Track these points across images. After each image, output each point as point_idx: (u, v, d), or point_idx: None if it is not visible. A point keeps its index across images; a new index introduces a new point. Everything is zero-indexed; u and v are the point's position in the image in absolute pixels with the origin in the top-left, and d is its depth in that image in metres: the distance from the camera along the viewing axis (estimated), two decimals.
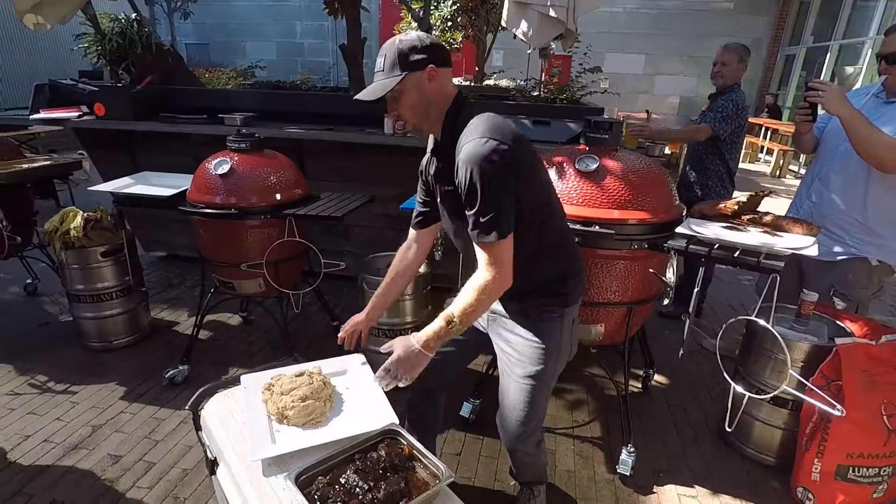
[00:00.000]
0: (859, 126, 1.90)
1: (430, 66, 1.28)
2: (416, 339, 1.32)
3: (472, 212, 1.26)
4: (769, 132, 9.80)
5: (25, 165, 3.00)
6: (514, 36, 3.08)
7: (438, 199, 1.46)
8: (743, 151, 10.37)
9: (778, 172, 9.16)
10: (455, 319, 1.30)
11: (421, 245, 1.63)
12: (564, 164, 1.88)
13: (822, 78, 9.66)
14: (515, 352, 1.46)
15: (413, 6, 4.98)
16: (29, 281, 3.53)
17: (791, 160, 9.29)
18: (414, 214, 1.61)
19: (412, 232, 1.63)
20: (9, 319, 3.20)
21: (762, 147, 10.37)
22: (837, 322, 2.08)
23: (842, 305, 2.18)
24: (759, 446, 2.18)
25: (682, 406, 2.57)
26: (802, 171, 8.80)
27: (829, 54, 9.54)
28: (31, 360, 2.74)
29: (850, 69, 9.00)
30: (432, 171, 1.46)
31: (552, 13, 2.80)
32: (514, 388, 1.48)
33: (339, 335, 1.59)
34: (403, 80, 1.27)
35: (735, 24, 11.49)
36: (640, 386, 2.70)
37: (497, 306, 1.51)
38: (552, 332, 1.44)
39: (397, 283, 1.64)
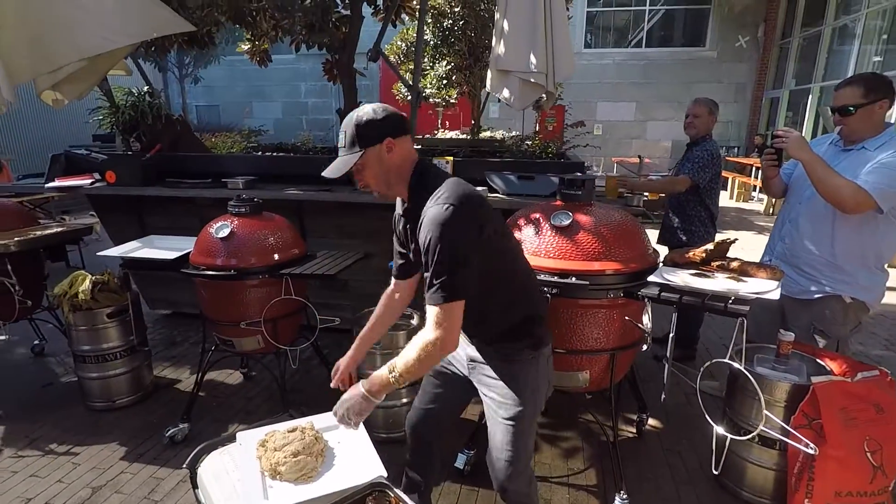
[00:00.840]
0: (819, 169, 2.02)
1: (388, 138, 1.37)
2: (363, 385, 1.41)
3: (428, 273, 1.32)
4: (760, 171, 10.00)
5: (39, 233, 3.08)
6: (498, 100, 3.29)
7: (411, 254, 1.56)
8: (737, 191, 10.60)
9: (771, 210, 9.30)
10: (396, 372, 1.37)
11: (403, 293, 1.72)
12: (541, 220, 2.01)
13: (806, 118, 10.02)
14: (497, 395, 1.53)
15: (402, 71, 5.30)
16: (36, 342, 3.61)
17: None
18: (394, 266, 1.70)
19: (394, 281, 1.72)
20: (15, 380, 3.27)
21: (755, 186, 10.57)
22: (818, 361, 2.13)
23: (823, 343, 2.23)
24: (753, 488, 2.18)
25: (677, 449, 2.57)
26: None
27: (810, 96, 9.91)
28: (36, 422, 2.79)
29: None
30: (402, 227, 1.55)
31: (532, 80, 3.02)
32: (499, 429, 1.54)
33: (332, 384, 1.68)
34: (364, 156, 1.36)
35: (719, 71, 12.07)
36: (634, 431, 2.72)
37: (475, 354, 1.59)
38: (528, 373, 1.52)
39: (377, 328, 1.75)
